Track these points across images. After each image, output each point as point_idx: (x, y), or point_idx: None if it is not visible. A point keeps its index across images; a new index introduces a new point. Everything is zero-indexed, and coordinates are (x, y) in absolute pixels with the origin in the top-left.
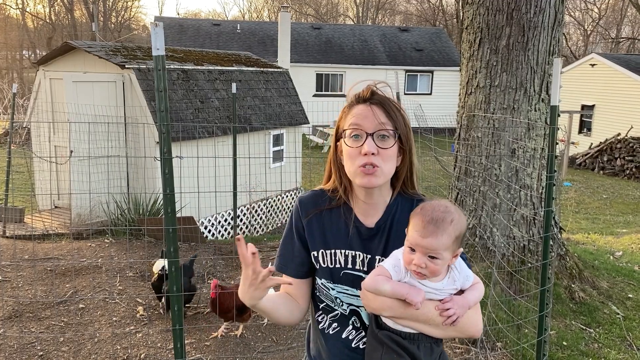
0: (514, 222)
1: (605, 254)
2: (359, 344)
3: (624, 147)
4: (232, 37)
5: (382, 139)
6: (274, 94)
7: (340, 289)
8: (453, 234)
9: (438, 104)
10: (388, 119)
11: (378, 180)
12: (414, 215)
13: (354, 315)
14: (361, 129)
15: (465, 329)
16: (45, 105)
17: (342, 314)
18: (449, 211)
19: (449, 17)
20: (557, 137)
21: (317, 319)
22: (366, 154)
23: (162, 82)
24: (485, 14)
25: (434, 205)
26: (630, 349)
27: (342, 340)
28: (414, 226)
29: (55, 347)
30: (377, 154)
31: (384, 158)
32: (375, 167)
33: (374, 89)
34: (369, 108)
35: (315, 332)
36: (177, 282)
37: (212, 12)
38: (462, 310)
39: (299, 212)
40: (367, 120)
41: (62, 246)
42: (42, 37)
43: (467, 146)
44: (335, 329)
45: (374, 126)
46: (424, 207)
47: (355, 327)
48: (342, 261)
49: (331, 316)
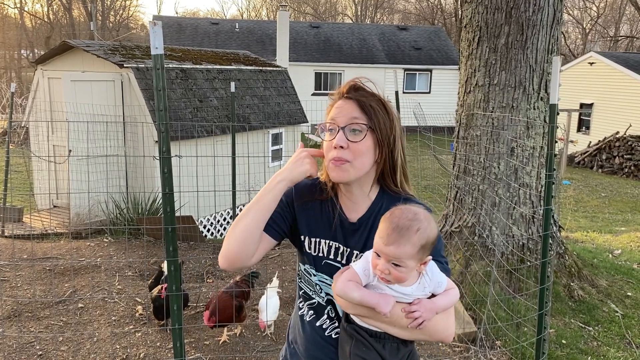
0: (513, 220)
1: (604, 252)
2: (332, 333)
3: (622, 146)
4: (231, 36)
5: (353, 132)
6: (273, 93)
7: (320, 277)
8: (418, 243)
9: (437, 102)
10: (362, 113)
11: (346, 174)
12: (383, 220)
13: (330, 304)
14: (335, 123)
15: (433, 333)
16: (44, 105)
17: (319, 303)
18: (416, 219)
19: (447, 16)
20: (556, 136)
21: (299, 305)
22: (335, 147)
23: (160, 81)
24: (484, 13)
25: (403, 211)
26: (629, 347)
27: (316, 328)
28: (379, 232)
29: (54, 346)
30: (346, 147)
31: (354, 152)
32: (344, 161)
33: (359, 84)
34: (345, 103)
35: (295, 318)
36: (177, 281)
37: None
38: (428, 313)
39: (292, 194)
40: (340, 114)
41: (60, 246)
42: (40, 36)
43: (466, 145)
44: (312, 317)
45: (346, 120)
46: (393, 212)
47: (330, 317)
48: (325, 251)
49: (308, 304)
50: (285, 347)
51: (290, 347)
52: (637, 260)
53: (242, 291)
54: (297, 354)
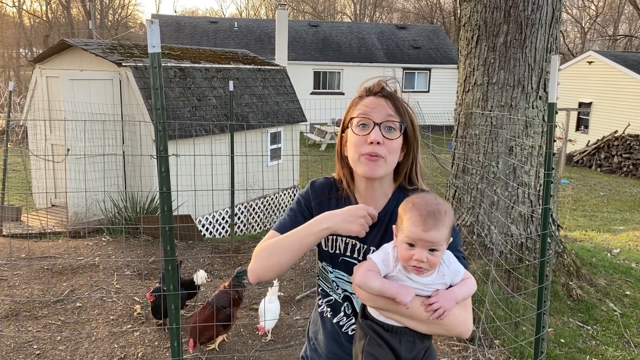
0: (511, 219)
1: (603, 251)
2: (348, 330)
3: (621, 145)
4: (230, 34)
5: (389, 130)
6: (272, 92)
7: (337, 274)
8: (449, 224)
9: (435, 101)
10: (396, 112)
11: (380, 169)
12: (408, 211)
13: (347, 301)
14: (369, 118)
15: (451, 327)
16: (42, 104)
17: (336, 300)
18: (440, 202)
19: (446, 15)
20: (554, 135)
21: (318, 303)
22: (372, 143)
23: (158, 79)
24: (483, 12)
25: (425, 198)
26: (628, 346)
27: (335, 325)
28: (413, 221)
29: (52, 346)
30: (382, 143)
31: (388, 149)
32: (380, 156)
33: (384, 84)
34: (378, 100)
35: (315, 314)
36: (174, 281)
37: (209, 10)
38: (448, 303)
39: (309, 194)
40: (375, 111)
41: (59, 245)
42: (38, 35)
43: (464, 144)
44: (330, 314)
45: (382, 117)
46: (414, 202)
47: (347, 313)
48: (341, 247)
49: (326, 301)
50: (306, 344)
51: (310, 344)
52: (635, 259)
53: (229, 299)
54: (318, 351)
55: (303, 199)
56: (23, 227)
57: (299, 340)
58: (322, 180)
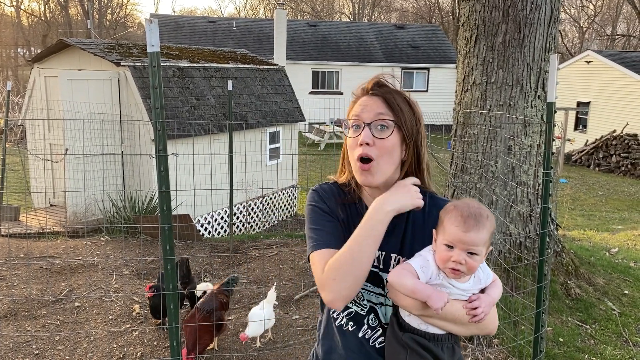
0: (510, 218)
1: (601, 250)
2: (376, 343)
3: (619, 144)
4: (228, 34)
5: (380, 129)
6: (270, 92)
7: None
8: (490, 228)
9: (434, 101)
10: (388, 109)
11: (375, 177)
12: (448, 212)
13: (372, 312)
14: (360, 119)
15: (486, 327)
16: (40, 103)
17: (357, 312)
18: (482, 207)
19: (445, 14)
20: (553, 134)
21: (333, 316)
22: (361, 144)
23: (157, 78)
24: (482, 11)
25: (467, 202)
26: (626, 345)
27: (360, 339)
28: (453, 222)
29: (50, 345)
30: (372, 144)
31: (380, 149)
32: (371, 160)
33: (382, 80)
34: (370, 99)
35: (330, 329)
36: (173, 280)
37: (207, 10)
38: (488, 308)
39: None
40: (365, 111)
41: (57, 244)
42: (36, 34)
43: (463, 143)
44: (353, 328)
45: (371, 116)
46: (456, 205)
47: (371, 326)
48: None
49: (346, 314)
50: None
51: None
52: (633, 258)
53: (219, 302)
54: None
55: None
56: (21, 226)
57: (298, 339)
58: (326, 186)
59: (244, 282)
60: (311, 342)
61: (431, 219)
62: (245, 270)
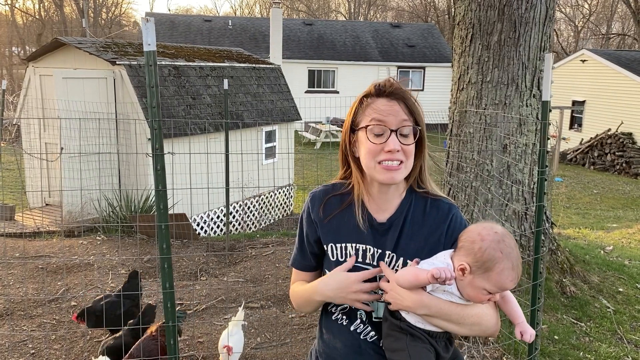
0: (505, 217)
1: (596, 248)
2: (367, 337)
3: (614, 143)
4: (224, 33)
5: (405, 135)
6: (266, 90)
7: None
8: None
9: (430, 100)
10: (409, 114)
11: (400, 176)
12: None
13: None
14: (384, 125)
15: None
16: (35, 102)
17: (351, 307)
18: (515, 245)
19: (440, 13)
20: (548, 133)
21: (330, 310)
22: (390, 151)
23: (153, 77)
24: (477, 10)
25: (510, 245)
26: (621, 343)
27: (352, 332)
28: (506, 275)
29: (47, 345)
30: (400, 150)
31: (406, 154)
32: (400, 163)
33: (394, 81)
34: (391, 103)
35: (327, 322)
36: (170, 279)
37: (203, 8)
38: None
39: (309, 208)
40: (390, 116)
41: (53, 244)
42: (31, 33)
43: (459, 142)
44: (346, 322)
45: (397, 122)
46: (503, 249)
47: (363, 321)
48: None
49: (341, 308)
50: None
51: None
52: (628, 256)
53: (157, 347)
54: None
55: (305, 214)
56: (17, 226)
57: (295, 338)
58: (321, 189)
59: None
60: (308, 340)
61: (430, 219)
62: (241, 269)
